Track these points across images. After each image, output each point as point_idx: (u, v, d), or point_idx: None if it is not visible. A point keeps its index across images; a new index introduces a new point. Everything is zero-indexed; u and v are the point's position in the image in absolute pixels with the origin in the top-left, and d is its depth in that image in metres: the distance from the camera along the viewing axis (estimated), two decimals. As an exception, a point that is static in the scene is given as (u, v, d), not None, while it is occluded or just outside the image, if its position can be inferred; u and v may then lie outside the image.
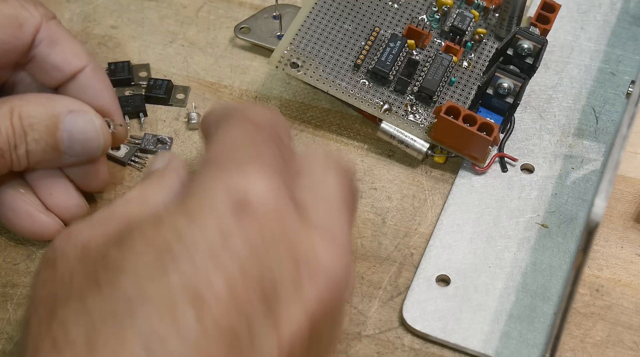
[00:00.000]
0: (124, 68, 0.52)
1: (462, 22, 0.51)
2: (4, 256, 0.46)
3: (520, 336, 0.44)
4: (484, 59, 0.51)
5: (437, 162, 0.50)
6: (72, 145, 0.44)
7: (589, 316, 0.44)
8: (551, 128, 0.51)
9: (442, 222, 0.47)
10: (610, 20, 0.55)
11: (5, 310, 0.44)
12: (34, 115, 0.42)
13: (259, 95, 0.52)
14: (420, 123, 0.49)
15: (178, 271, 0.30)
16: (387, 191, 0.49)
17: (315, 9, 0.51)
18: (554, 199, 0.48)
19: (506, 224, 0.47)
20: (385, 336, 0.44)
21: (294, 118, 0.51)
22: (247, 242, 0.31)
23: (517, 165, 0.49)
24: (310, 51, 0.50)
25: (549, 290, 0.45)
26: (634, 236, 0.47)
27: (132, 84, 0.52)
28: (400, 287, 0.45)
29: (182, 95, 0.52)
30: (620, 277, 0.46)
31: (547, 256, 0.46)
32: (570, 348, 0.43)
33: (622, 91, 0.52)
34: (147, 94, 0.51)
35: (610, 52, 0.54)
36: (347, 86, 0.49)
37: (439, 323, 0.44)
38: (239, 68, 0.53)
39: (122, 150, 0.49)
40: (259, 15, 0.54)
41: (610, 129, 0.51)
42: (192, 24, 0.55)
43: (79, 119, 0.44)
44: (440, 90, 0.49)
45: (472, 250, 0.46)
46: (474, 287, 0.45)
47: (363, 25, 0.51)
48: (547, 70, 0.53)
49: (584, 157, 0.50)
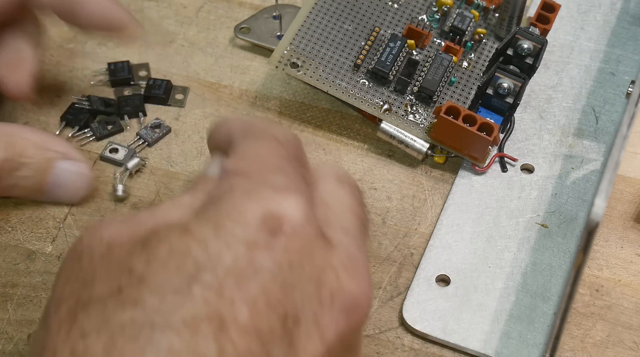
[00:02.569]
0: (124, 68, 0.52)
1: (462, 22, 0.51)
2: (4, 256, 0.46)
3: (520, 336, 0.44)
4: (484, 59, 0.51)
5: (437, 162, 0.50)
6: (54, 189, 0.46)
7: (589, 316, 0.44)
8: (551, 128, 0.51)
9: (442, 222, 0.47)
10: (610, 20, 0.55)
11: (5, 310, 0.44)
12: (31, 156, 0.44)
13: (259, 95, 0.52)
14: (420, 123, 0.49)
15: (202, 290, 0.30)
16: (387, 191, 0.49)
17: (315, 9, 0.51)
18: (554, 199, 0.48)
19: (506, 224, 0.47)
20: (385, 336, 0.44)
21: (294, 118, 0.51)
22: (275, 265, 0.31)
23: (517, 165, 0.49)
24: (310, 51, 0.50)
25: (549, 290, 0.45)
26: (634, 236, 0.47)
27: (131, 83, 0.52)
28: (400, 287, 0.45)
29: (181, 96, 0.52)
30: (620, 277, 0.46)
31: (547, 256, 0.46)
32: (570, 348, 0.43)
33: (622, 91, 0.52)
34: (146, 94, 0.51)
35: (610, 52, 0.54)
36: (347, 86, 0.49)
37: (439, 323, 0.44)
38: (239, 68, 0.53)
39: (121, 153, 0.49)
40: (259, 15, 0.54)
41: (610, 129, 0.51)
42: (192, 24, 0.55)
43: (71, 166, 0.46)
44: (440, 90, 0.49)
45: (472, 250, 0.46)
46: (474, 287, 0.45)
47: (363, 25, 0.51)
48: (547, 70, 0.53)
49: (584, 157, 0.50)
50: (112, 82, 0.52)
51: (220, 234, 0.31)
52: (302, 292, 0.31)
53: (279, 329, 0.30)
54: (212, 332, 0.29)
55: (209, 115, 0.51)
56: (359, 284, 0.33)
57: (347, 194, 0.36)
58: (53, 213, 0.47)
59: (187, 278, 0.30)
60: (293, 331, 0.30)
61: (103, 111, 0.51)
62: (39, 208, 0.47)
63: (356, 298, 0.32)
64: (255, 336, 0.30)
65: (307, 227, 0.32)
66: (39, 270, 0.45)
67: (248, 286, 0.30)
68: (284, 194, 0.32)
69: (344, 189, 0.36)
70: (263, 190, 0.32)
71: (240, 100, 0.52)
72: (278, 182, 0.33)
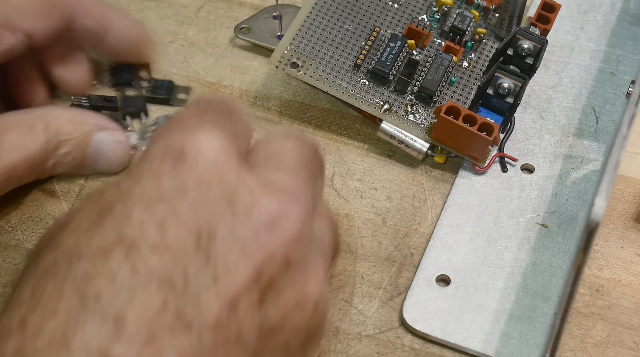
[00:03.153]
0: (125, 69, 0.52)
1: (462, 22, 0.51)
2: (4, 256, 0.46)
3: (520, 336, 0.44)
4: (484, 59, 0.51)
5: (437, 162, 0.50)
6: (97, 160, 0.47)
7: (589, 316, 0.44)
8: (551, 128, 0.51)
9: (442, 222, 0.47)
10: (610, 20, 0.55)
11: (6, 310, 0.44)
12: (68, 132, 0.45)
13: (259, 95, 0.52)
14: (420, 123, 0.49)
15: (112, 221, 0.31)
16: (387, 191, 0.49)
17: (315, 9, 0.51)
18: (554, 199, 0.48)
19: (506, 224, 0.47)
20: (385, 336, 0.44)
21: (294, 118, 0.51)
22: (180, 186, 0.32)
23: (517, 165, 0.49)
24: (310, 51, 0.50)
25: (549, 290, 0.45)
26: (634, 236, 0.47)
27: (132, 84, 0.52)
28: (400, 287, 0.45)
29: (184, 96, 0.52)
30: (620, 277, 0.46)
31: (547, 256, 0.46)
32: (570, 348, 0.43)
33: (622, 91, 0.52)
34: (150, 95, 0.51)
35: (610, 52, 0.54)
36: (347, 86, 0.49)
37: (439, 323, 0.44)
38: (239, 68, 0.53)
39: (134, 138, 0.49)
40: (259, 15, 0.54)
41: (610, 129, 0.51)
42: (192, 24, 0.55)
43: (108, 136, 0.47)
44: (440, 90, 0.49)
45: (472, 250, 0.46)
46: (474, 287, 0.45)
47: (363, 25, 0.51)
48: (547, 70, 0.53)
49: (584, 157, 0.50)
50: (113, 83, 0.52)
51: (131, 174, 0.33)
52: (214, 209, 0.32)
53: (192, 245, 0.31)
54: (123, 254, 0.30)
55: (209, 115, 0.51)
56: (280, 201, 0.33)
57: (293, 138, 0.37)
58: (53, 213, 0.47)
59: (99, 214, 0.32)
60: (209, 245, 0.31)
61: (104, 107, 0.51)
62: (39, 208, 0.47)
63: (276, 213, 0.33)
64: (168, 252, 0.31)
65: (215, 152, 0.33)
66: (39, 270, 0.45)
67: (156, 209, 0.31)
68: (192, 129, 0.34)
69: (289, 139, 0.37)
70: (172, 133, 0.34)
71: (241, 100, 0.52)
72: (191, 123, 0.34)
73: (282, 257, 0.33)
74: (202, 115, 0.35)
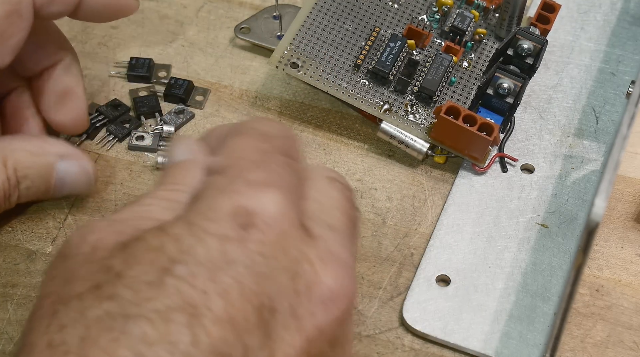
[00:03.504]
0: (145, 65, 0.52)
1: (462, 22, 0.51)
2: (4, 256, 0.46)
3: (520, 336, 0.44)
4: (484, 59, 0.51)
5: (437, 162, 0.50)
6: (62, 189, 0.45)
7: (589, 316, 0.44)
8: (551, 128, 0.51)
9: (442, 222, 0.47)
10: (610, 20, 0.55)
11: (6, 310, 0.44)
12: (29, 166, 0.44)
13: (259, 96, 0.52)
14: (420, 123, 0.49)
15: (175, 281, 0.30)
16: (387, 191, 0.49)
17: (315, 9, 0.51)
18: (554, 199, 0.48)
19: (506, 224, 0.47)
20: (385, 336, 0.44)
21: (294, 118, 0.51)
22: (247, 257, 0.31)
23: (517, 166, 0.49)
24: (310, 51, 0.50)
25: (549, 290, 0.45)
26: (634, 236, 0.47)
27: (151, 82, 0.52)
28: (400, 287, 0.45)
29: (201, 98, 0.52)
30: (620, 277, 0.46)
31: (547, 256, 0.46)
32: (570, 348, 0.43)
33: (622, 91, 0.52)
34: (166, 92, 0.51)
35: (610, 52, 0.54)
36: (347, 86, 0.49)
37: (439, 323, 0.44)
38: (239, 68, 0.53)
39: (147, 140, 0.49)
40: (259, 15, 0.54)
41: (610, 129, 0.51)
42: (192, 24, 0.55)
43: (72, 166, 0.45)
44: (440, 91, 0.49)
45: (472, 250, 0.46)
46: (474, 287, 0.45)
47: (363, 25, 0.51)
48: (547, 70, 0.53)
49: (584, 157, 0.50)
50: (131, 77, 0.52)
51: (193, 231, 0.31)
52: (277, 284, 0.31)
53: (254, 319, 0.30)
54: (185, 321, 0.29)
55: (209, 116, 0.51)
56: (337, 278, 0.33)
57: (338, 191, 0.36)
58: (53, 213, 0.47)
59: (160, 271, 0.30)
60: (269, 321, 0.31)
61: (119, 116, 0.51)
62: (39, 208, 0.47)
63: (334, 291, 0.32)
64: (230, 325, 0.30)
65: (281, 220, 0.32)
66: (39, 270, 0.45)
67: (221, 277, 0.30)
68: (258, 189, 0.32)
69: (334, 187, 0.36)
70: (237, 186, 0.33)
71: (241, 100, 0.52)
72: (254, 177, 0.33)
73: (330, 334, 0.33)
74: (264, 157, 0.34)
